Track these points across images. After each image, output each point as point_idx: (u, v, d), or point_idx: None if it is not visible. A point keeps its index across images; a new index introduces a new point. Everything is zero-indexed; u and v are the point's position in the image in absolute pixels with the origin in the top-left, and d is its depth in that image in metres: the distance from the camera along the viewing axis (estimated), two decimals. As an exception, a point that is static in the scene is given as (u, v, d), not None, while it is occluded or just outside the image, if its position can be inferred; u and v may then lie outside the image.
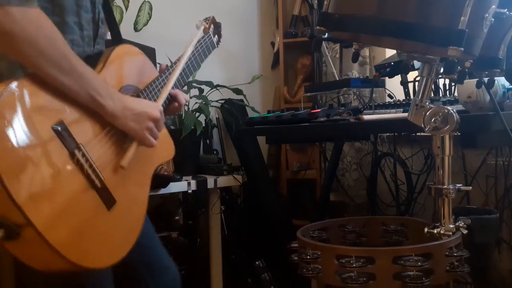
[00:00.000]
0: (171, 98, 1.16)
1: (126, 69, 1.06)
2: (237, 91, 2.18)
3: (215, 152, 2.55)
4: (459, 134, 1.36)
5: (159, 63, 1.31)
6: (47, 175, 0.77)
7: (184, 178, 2.03)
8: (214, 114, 2.69)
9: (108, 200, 0.89)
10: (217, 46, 1.38)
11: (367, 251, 0.85)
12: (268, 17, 2.82)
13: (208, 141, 2.56)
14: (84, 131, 0.87)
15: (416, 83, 1.81)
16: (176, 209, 2.06)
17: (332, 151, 2.34)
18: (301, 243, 0.96)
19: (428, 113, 0.90)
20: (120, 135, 0.97)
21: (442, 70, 0.90)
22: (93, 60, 0.98)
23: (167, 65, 1.21)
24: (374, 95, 2.02)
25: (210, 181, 2.05)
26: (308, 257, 0.91)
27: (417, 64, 1.85)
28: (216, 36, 1.38)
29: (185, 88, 2.22)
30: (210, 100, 2.24)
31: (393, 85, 2.06)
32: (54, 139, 0.80)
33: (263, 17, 2.82)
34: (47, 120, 0.80)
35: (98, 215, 0.87)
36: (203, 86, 2.18)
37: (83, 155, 0.85)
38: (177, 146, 2.11)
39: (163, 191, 1.95)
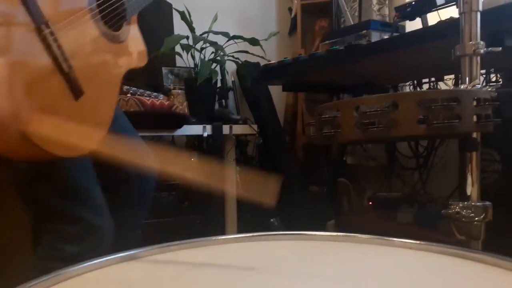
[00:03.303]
0: None
1: None
2: (254, 42, 2.15)
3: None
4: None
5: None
6: (8, 47, 0.72)
7: (200, 124, 2.00)
8: (230, 78, 2.67)
9: (75, 89, 0.84)
10: None
11: (388, 96, 0.80)
12: (286, -20, 2.81)
13: (224, 101, 2.54)
14: (53, 8, 0.82)
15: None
16: (191, 153, 2.03)
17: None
18: (318, 110, 0.92)
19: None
20: (95, 23, 0.94)
21: None
22: None
23: None
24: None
25: (226, 128, 2.02)
26: (327, 116, 0.87)
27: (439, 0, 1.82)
28: None
29: (201, 42, 2.21)
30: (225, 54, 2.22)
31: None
32: (21, 9, 0.75)
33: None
34: None
35: (64, 101, 0.83)
36: (219, 36, 2.17)
37: (52, 33, 0.79)
38: (193, 93, 2.12)
39: (178, 132, 1.92)
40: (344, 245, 0.74)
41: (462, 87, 0.85)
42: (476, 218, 0.86)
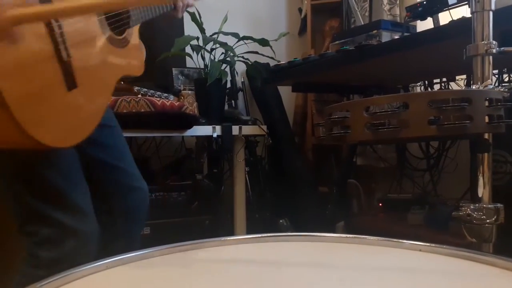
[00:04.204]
0: None
1: None
2: (263, 42, 2.15)
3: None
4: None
5: None
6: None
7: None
8: (239, 79, 2.67)
9: (69, 80, 0.83)
10: None
11: (399, 97, 0.80)
12: (296, -19, 2.81)
13: (233, 102, 2.54)
14: None
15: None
16: (201, 154, 2.03)
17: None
18: (328, 111, 0.91)
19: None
20: (99, 22, 0.94)
21: None
22: None
23: None
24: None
25: (235, 128, 2.02)
26: (337, 116, 0.87)
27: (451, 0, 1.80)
28: None
29: (211, 43, 2.21)
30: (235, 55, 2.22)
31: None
32: None
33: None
34: None
35: (55, 90, 0.81)
36: (229, 37, 2.17)
37: (56, 20, 0.79)
38: (203, 94, 2.12)
39: (188, 133, 1.93)
40: (353, 246, 0.73)
41: (474, 87, 0.84)
42: (488, 220, 0.85)
